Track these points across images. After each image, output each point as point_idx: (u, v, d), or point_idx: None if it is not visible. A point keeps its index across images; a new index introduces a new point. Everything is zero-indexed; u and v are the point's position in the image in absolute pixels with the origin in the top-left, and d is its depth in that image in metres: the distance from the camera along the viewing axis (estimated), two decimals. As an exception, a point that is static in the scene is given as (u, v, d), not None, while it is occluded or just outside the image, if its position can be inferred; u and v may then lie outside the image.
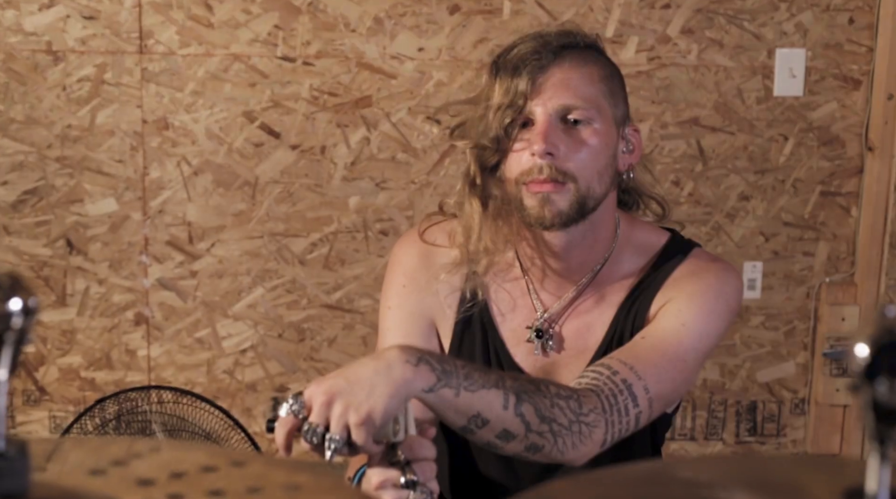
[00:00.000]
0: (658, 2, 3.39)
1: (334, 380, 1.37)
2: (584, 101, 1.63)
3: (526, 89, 1.61)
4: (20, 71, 3.33)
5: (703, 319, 1.63)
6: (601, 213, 1.67)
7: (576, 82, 1.63)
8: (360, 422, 1.34)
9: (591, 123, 1.63)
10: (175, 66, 3.35)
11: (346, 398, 1.34)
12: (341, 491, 0.85)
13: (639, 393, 1.55)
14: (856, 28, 3.44)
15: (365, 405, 1.34)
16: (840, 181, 3.52)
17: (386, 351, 1.42)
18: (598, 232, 1.70)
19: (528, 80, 1.60)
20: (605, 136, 1.65)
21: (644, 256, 1.73)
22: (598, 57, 1.70)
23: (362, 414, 1.34)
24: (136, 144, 3.38)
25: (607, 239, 1.72)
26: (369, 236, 3.44)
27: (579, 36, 1.70)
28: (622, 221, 1.74)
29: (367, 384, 1.35)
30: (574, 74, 1.63)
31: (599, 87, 1.65)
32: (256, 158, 3.40)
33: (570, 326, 1.72)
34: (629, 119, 1.73)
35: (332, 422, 1.35)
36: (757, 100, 3.46)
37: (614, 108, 1.68)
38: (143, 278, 3.43)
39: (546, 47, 1.63)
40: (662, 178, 3.44)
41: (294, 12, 3.33)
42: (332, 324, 3.48)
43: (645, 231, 1.76)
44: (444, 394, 1.40)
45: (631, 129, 1.73)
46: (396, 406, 1.37)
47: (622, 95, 1.72)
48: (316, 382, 1.39)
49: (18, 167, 3.37)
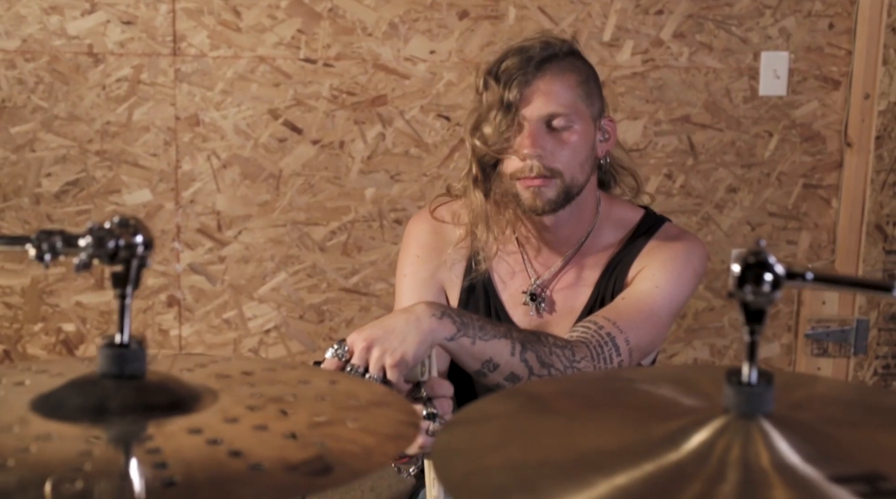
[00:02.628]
0: (652, 8, 3.60)
1: (372, 329, 1.65)
2: (564, 107, 1.88)
3: (516, 101, 1.86)
4: (63, 71, 3.56)
5: (674, 282, 1.89)
6: (584, 195, 1.94)
7: (556, 91, 1.88)
8: (394, 364, 1.61)
9: (572, 125, 1.89)
10: (206, 68, 3.57)
11: (383, 344, 1.62)
12: (370, 385, 1.12)
13: (621, 344, 1.81)
14: (835, 32, 3.64)
15: (399, 350, 1.62)
16: (821, 175, 3.72)
17: (415, 306, 1.69)
18: (582, 211, 1.96)
19: (516, 92, 1.85)
20: (584, 133, 1.90)
21: (622, 230, 1.99)
22: (574, 63, 1.93)
23: (396, 357, 1.61)
24: (169, 139, 3.61)
25: (590, 216, 1.98)
26: (384, 225, 3.67)
27: (557, 45, 1.93)
28: (602, 200, 2.00)
29: (400, 333, 1.63)
30: (555, 85, 1.88)
31: (577, 91, 1.90)
32: (280, 152, 3.62)
33: (559, 290, 1.99)
34: (604, 112, 1.98)
35: (370, 364, 1.62)
36: (744, 99, 3.67)
37: (591, 107, 1.93)
38: (175, 263, 3.67)
39: (529, 62, 1.88)
40: (656, 171, 3.67)
41: (315, 17, 3.56)
42: (350, 306, 3.71)
43: (622, 208, 2.02)
44: (462, 342, 1.67)
45: (606, 120, 1.98)
46: (424, 351, 1.64)
47: (597, 93, 1.97)
48: (357, 330, 1.66)
49: (61, 160, 3.61)
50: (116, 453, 0.91)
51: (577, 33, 3.57)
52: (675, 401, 1.02)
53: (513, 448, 0.96)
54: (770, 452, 0.91)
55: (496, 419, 1.02)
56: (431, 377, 1.69)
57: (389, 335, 1.62)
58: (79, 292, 3.68)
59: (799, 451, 0.91)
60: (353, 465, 0.89)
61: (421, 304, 1.69)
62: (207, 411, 0.98)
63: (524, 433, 0.99)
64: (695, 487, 0.88)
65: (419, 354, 1.63)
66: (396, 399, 1.07)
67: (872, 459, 0.91)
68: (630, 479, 0.90)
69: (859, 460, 0.91)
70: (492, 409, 1.04)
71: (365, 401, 1.05)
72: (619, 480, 0.90)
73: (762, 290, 0.92)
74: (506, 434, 0.99)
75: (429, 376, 1.68)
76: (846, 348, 3.71)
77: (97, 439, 0.92)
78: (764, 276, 0.92)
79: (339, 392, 1.07)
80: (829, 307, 3.73)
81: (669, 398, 1.04)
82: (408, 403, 1.07)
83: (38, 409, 0.97)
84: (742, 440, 0.92)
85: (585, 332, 1.82)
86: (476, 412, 1.04)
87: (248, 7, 3.54)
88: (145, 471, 0.86)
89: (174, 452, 0.89)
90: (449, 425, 1.01)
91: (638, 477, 0.90)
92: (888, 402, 1.03)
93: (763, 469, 0.90)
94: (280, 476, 0.86)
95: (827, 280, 0.97)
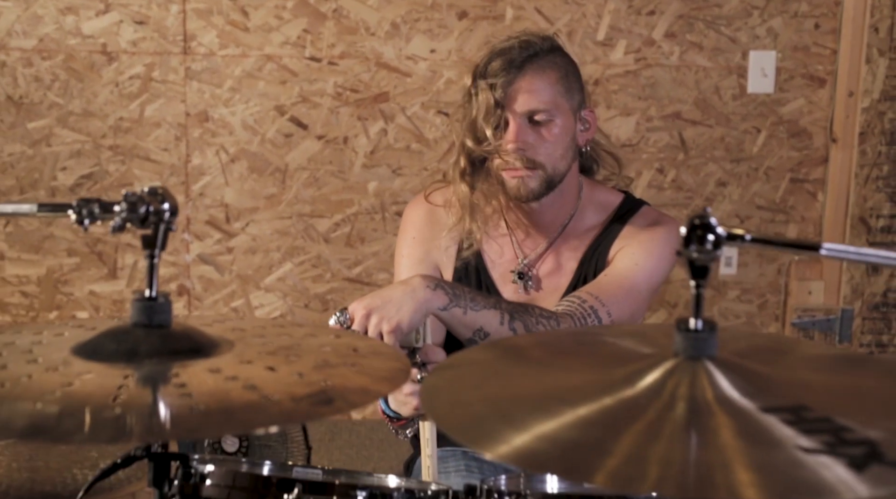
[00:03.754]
0: (644, 8, 3.73)
1: (371, 298, 1.80)
2: (545, 104, 2.02)
3: (501, 100, 2.00)
4: (78, 69, 3.70)
5: (653, 260, 2.03)
6: (567, 182, 2.08)
7: (537, 89, 2.01)
8: (391, 330, 1.76)
9: (553, 119, 2.03)
10: (215, 66, 3.71)
11: (381, 312, 1.77)
12: (368, 340, 1.26)
13: (603, 317, 1.95)
14: (821, 32, 3.77)
15: (395, 318, 1.76)
16: (807, 169, 3.85)
17: (412, 278, 1.84)
18: (565, 196, 2.10)
19: (501, 92, 1.99)
20: (564, 126, 2.04)
21: (603, 213, 2.13)
22: (554, 60, 2.06)
23: (392, 324, 1.76)
24: (179, 134, 3.74)
25: (572, 200, 2.12)
26: (386, 217, 3.80)
27: (538, 44, 2.07)
28: (584, 184, 2.14)
29: (397, 302, 1.78)
30: (536, 83, 2.02)
31: (556, 88, 2.04)
32: (286, 147, 3.76)
33: (545, 269, 2.13)
34: (585, 103, 2.11)
35: (369, 330, 1.77)
36: (732, 96, 3.79)
37: (571, 101, 2.07)
38: (185, 254, 3.81)
39: (512, 63, 2.02)
40: (648, 166, 3.81)
41: (320, 18, 3.70)
42: (353, 295, 3.82)
43: (603, 192, 2.16)
44: (455, 312, 1.82)
45: (587, 111, 2.11)
46: (418, 320, 1.79)
47: (577, 86, 2.10)
48: (357, 300, 1.81)
49: (76, 155, 3.75)
50: (146, 388, 1.05)
51: (573, 33, 3.71)
52: (634, 350, 1.16)
53: (491, 386, 1.10)
54: (713, 387, 1.05)
55: (477, 364, 1.16)
56: (426, 345, 1.83)
57: (387, 304, 1.77)
58: (92, 282, 3.82)
59: (737, 387, 1.05)
60: (351, 398, 1.04)
61: (417, 276, 1.84)
62: (225, 356, 1.13)
63: (501, 375, 1.13)
64: (648, 415, 1.03)
65: (414, 322, 1.77)
66: (389, 350, 1.21)
67: (799, 394, 1.06)
68: (591, 410, 1.04)
69: (788, 395, 1.05)
70: (474, 356, 1.19)
71: (363, 351, 1.20)
72: (582, 411, 1.04)
73: (705, 248, 1.06)
74: (485, 376, 1.14)
75: (423, 343, 1.82)
76: (831, 337, 3.84)
77: (130, 377, 1.06)
78: (707, 236, 1.06)
79: (340, 344, 1.22)
80: (815, 297, 3.86)
81: (629, 348, 1.18)
82: (399, 352, 1.21)
83: (78, 353, 1.11)
84: (689, 378, 1.06)
85: (570, 305, 1.95)
86: (460, 359, 1.18)
87: (255, 7, 3.67)
88: (174, 401, 1.01)
89: (197, 386, 1.04)
90: (437, 369, 1.15)
91: (599, 409, 1.04)
92: (814, 350, 1.18)
93: (707, 402, 1.04)
94: (288, 405, 1.01)
95: (762, 241, 1.11)
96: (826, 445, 0.96)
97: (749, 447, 0.97)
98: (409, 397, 1.81)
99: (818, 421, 1.00)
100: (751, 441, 0.98)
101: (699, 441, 0.99)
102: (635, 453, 0.97)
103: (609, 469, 0.95)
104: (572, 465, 0.96)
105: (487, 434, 1.00)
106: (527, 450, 0.98)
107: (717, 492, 0.93)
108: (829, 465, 0.94)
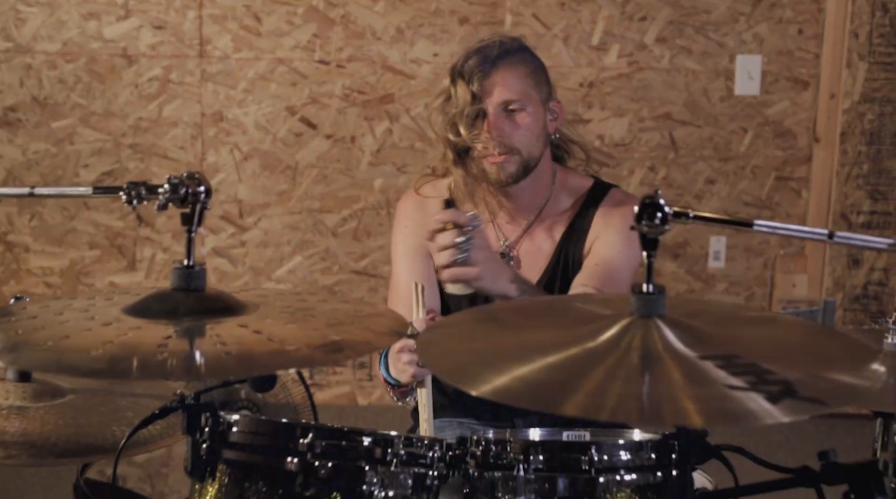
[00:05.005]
0: (636, 15, 3.92)
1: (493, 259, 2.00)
2: (517, 94, 2.22)
3: (478, 93, 2.20)
4: (100, 72, 3.89)
5: (628, 244, 2.22)
6: (541, 167, 2.27)
7: (510, 82, 2.21)
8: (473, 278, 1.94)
9: (525, 109, 2.22)
10: (229, 68, 3.90)
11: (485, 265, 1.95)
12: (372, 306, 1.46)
13: None
14: (805, 37, 3.95)
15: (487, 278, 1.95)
16: (792, 168, 4.03)
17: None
18: (540, 180, 2.30)
19: (478, 85, 2.19)
20: (535, 115, 2.24)
21: (576, 196, 2.33)
22: (524, 57, 2.26)
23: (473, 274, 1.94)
24: (195, 133, 3.94)
25: (547, 185, 2.32)
26: (391, 213, 3.95)
27: (509, 43, 2.27)
28: (558, 171, 2.34)
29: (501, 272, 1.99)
30: (508, 76, 2.21)
31: (527, 81, 2.24)
32: (297, 145, 3.95)
33: (524, 249, 2.32)
34: (552, 96, 2.30)
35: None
36: (720, 98, 3.98)
37: (540, 93, 2.26)
38: (200, 247, 4.00)
39: (486, 60, 2.22)
40: (640, 164, 4.00)
41: (329, 23, 3.89)
42: (360, 287, 4.04)
43: (575, 177, 2.36)
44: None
45: (554, 102, 2.31)
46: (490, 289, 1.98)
47: (545, 80, 2.29)
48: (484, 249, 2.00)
49: (97, 153, 3.94)
50: (186, 339, 1.26)
51: (568, 38, 3.90)
52: (597, 311, 1.37)
53: (475, 341, 1.31)
54: (662, 340, 1.26)
55: (464, 325, 1.37)
56: (417, 319, 2.01)
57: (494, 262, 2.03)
58: (112, 273, 4.02)
59: (681, 339, 1.26)
60: (358, 348, 1.24)
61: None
62: (251, 315, 1.33)
63: (484, 332, 1.34)
64: (608, 362, 1.23)
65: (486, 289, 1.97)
66: (389, 312, 1.42)
67: (733, 346, 1.26)
68: (559, 358, 1.24)
69: (723, 347, 1.26)
70: (461, 319, 1.39)
71: (367, 313, 1.40)
72: (552, 359, 1.24)
73: (655, 223, 1.26)
74: (471, 333, 1.34)
75: (418, 316, 2.01)
76: (814, 327, 4.02)
77: (172, 330, 1.27)
78: (657, 213, 1.27)
79: (349, 308, 1.42)
80: (799, 289, 4.04)
81: (594, 311, 1.38)
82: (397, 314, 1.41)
83: (128, 312, 1.31)
84: (642, 333, 1.27)
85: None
86: (449, 321, 1.38)
87: (268, 13, 3.87)
88: (209, 348, 1.21)
89: (229, 336, 1.24)
90: (430, 328, 1.36)
91: (565, 357, 1.25)
92: (752, 315, 1.38)
93: (657, 351, 1.24)
94: (304, 352, 1.21)
95: (702, 218, 1.31)
96: (750, 384, 1.16)
97: (690, 385, 1.17)
98: (408, 366, 2.00)
99: (746, 366, 1.20)
100: (691, 380, 1.18)
101: (651, 380, 1.19)
102: (597, 389, 1.17)
103: (575, 402, 1.15)
104: (544, 399, 1.16)
105: (473, 376, 1.20)
106: (505, 388, 1.18)
107: (665, 418, 1.14)
108: (753, 398, 1.15)
